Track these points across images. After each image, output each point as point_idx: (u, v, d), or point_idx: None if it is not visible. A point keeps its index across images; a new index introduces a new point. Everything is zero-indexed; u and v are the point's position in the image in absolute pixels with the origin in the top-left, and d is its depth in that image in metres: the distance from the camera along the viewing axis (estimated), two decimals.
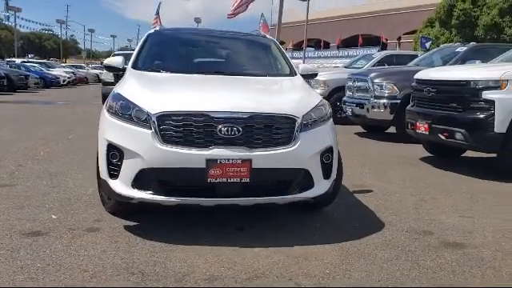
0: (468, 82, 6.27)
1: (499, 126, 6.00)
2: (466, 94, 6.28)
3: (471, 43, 10.48)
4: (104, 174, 3.69)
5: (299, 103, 3.80)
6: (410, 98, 7.76)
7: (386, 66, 12.05)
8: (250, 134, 3.51)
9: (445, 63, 10.14)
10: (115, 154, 3.61)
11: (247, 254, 3.37)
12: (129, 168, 3.54)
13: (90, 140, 8.10)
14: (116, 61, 4.78)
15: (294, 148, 3.58)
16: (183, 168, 3.45)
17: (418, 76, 7.36)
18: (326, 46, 55.93)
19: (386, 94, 9.57)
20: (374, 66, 12.95)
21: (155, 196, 3.51)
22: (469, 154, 7.78)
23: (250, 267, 3.15)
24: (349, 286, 2.90)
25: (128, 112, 3.63)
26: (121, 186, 3.58)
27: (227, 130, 3.46)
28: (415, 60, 11.18)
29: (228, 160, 3.43)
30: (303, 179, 3.67)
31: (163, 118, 3.48)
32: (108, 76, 16.40)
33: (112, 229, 3.79)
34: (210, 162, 3.42)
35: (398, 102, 9.34)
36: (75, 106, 17.02)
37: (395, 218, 4.35)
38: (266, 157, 3.49)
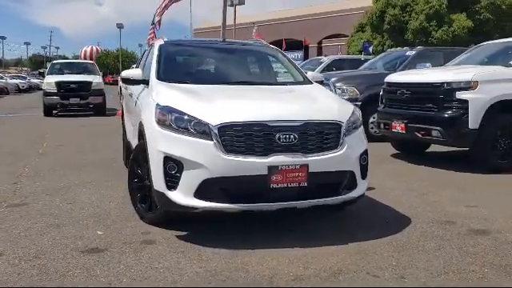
0: (442, 83, 6.88)
1: (472, 123, 6.65)
2: (440, 94, 6.88)
3: (418, 47, 11.33)
4: (161, 186, 3.73)
5: (340, 110, 4.08)
6: (380, 99, 8.29)
7: (341, 71, 12.61)
8: (305, 141, 3.73)
9: (395, 66, 10.90)
10: (173, 166, 3.67)
11: (313, 253, 3.58)
12: (190, 178, 3.62)
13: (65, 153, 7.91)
14: (136, 73, 4.79)
15: (342, 152, 3.84)
16: (246, 176, 3.59)
17: (389, 79, 7.91)
18: None
19: (347, 97, 10.10)
20: (323, 70, 13.51)
21: (219, 204, 3.62)
22: (431, 149, 8.45)
23: (324, 265, 3.36)
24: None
25: (184, 124, 3.71)
26: (181, 197, 3.65)
27: (285, 138, 3.65)
28: (366, 64, 11.87)
29: (288, 166, 3.63)
30: (349, 180, 3.95)
31: (224, 128, 3.61)
32: (50, 87, 15.76)
33: (166, 239, 3.83)
34: (272, 168, 3.59)
35: (359, 104, 9.90)
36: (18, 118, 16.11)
37: (413, 211, 4.73)
38: (320, 161, 3.73)
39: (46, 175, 6.26)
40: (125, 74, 4.85)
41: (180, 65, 5.20)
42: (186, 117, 3.73)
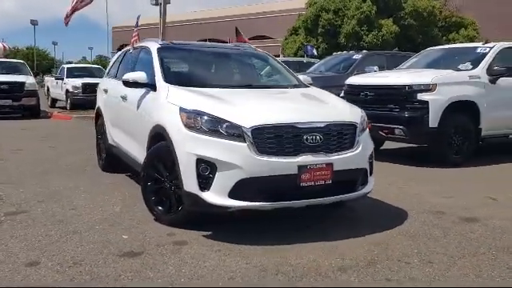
0: (404, 86, 7.47)
1: (432, 122, 7.29)
2: (403, 96, 7.46)
3: (363, 51, 12.03)
4: (193, 187, 3.83)
5: (352, 111, 4.39)
6: None
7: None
8: (328, 141, 4.00)
9: (344, 69, 11.52)
10: (206, 168, 3.79)
11: (340, 246, 3.85)
12: (224, 179, 3.75)
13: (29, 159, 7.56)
14: (141, 76, 4.79)
15: (358, 151, 4.16)
16: (278, 175, 3.80)
17: (352, 82, 8.41)
18: None
19: None
20: None
21: (253, 203, 3.79)
22: (385, 146, 9.05)
23: (357, 256, 3.64)
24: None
25: (215, 127, 3.83)
26: (215, 197, 3.77)
27: (312, 139, 3.90)
28: (315, 66, 12.40)
29: (315, 165, 3.88)
30: (363, 177, 4.28)
31: (257, 130, 3.78)
32: None
33: (196, 240, 3.93)
34: (301, 168, 3.82)
35: None
36: None
37: (403, 204, 5.15)
38: (342, 160, 4.02)
39: (23, 182, 6.01)
40: (131, 76, 4.82)
41: (184, 68, 5.26)
42: (217, 120, 3.85)
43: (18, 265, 3.38)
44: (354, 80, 8.42)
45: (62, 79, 19.05)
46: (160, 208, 4.31)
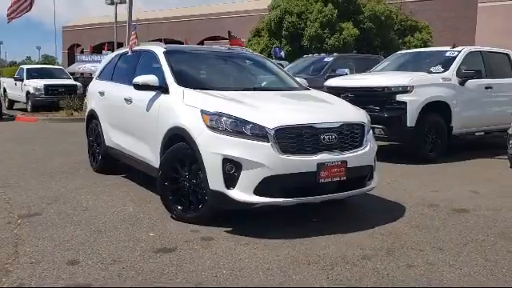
0: (383, 87, 7.92)
1: (410, 122, 7.76)
2: (382, 97, 7.90)
3: (334, 54, 12.47)
4: (219, 186, 4.03)
5: (359, 112, 4.71)
6: None
7: None
8: (342, 140, 4.30)
9: (315, 71, 11.93)
10: (231, 167, 4.00)
11: (355, 237, 4.15)
12: (249, 177, 3.98)
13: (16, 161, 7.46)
14: (153, 79, 4.92)
15: (367, 149, 4.49)
16: (299, 173, 4.06)
17: (330, 84, 8.78)
18: None
19: None
20: None
21: (277, 199, 4.04)
22: None
23: (375, 246, 3.96)
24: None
25: (239, 128, 4.05)
26: (241, 194, 3.99)
27: (328, 138, 4.19)
28: (286, 68, 12.71)
29: (332, 162, 4.17)
30: (370, 173, 4.61)
31: (280, 131, 4.03)
32: None
33: (220, 235, 4.13)
34: (320, 165, 4.11)
35: None
36: None
37: (397, 198, 5.52)
38: (354, 157, 4.33)
39: (22, 185, 5.97)
40: (142, 80, 4.93)
41: (194, 71, 5.41)
42: (241, 121, 4.07)
43: (58, 264, 3.47)
44: (334, 82, 8.79)
45: (22, 80, 18.53)
46: (179, 207, 4.46)
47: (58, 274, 3.30)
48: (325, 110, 4.65)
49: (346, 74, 11.12)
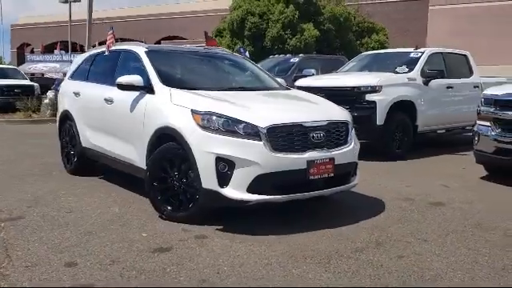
0: (353, 87, 8.16)
1: (379, 120, 8.04)
2: (352, 96, 8.13)
3: (300, 55, 12.69)
4: (212, 184, 4.08)
5: (342, 111, 4.87)
6: None
7: None
8: (328, 138, 4.44)
9: (282, 71, 12.10)
10: (224, 165, 4.06)
11: (344, 232, 4.30)
12: (242, 175, 4.05)
13: None
14: (137, 79, 4.90)
15: (352, 146, 4.65)
16: (290, 170, 4.17)
17: (301, 84, 8.94)
18: (81, 48, 54.02)
19: None
20: None
21: (269, 196, 4.13)
22: None
23: (366, 239, 4.12)
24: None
25: (231, 127, 4.12)
26: (234, 192, 4.06)
27: (317, 136, 4.32)
28: None
29: (321, 160, 4.30)
30: (354, 170, 4.78)
31: (272, 130, 4.13)
32: None
33: (214, 233, 4.18)
34: (310, 162, 4.23)
35: None
36: None
37: (375, 193, 5.70)
38: (341, 154, 4.48)
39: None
40: (126, 80, 4.90)
41: (177, 71, 5.41)
42: (233, 120, 4.13)
43: (56, 266, 3.43)
44: (305, 82, 8.97)
45: None
46: (168, 207, 4.47)
47: (59, 277, 3.26)
48: (311, 109, 4.78)
49: (313, 75, 11.35)
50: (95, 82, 6.08)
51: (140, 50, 5.42)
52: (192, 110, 4.30)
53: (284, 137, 4.19)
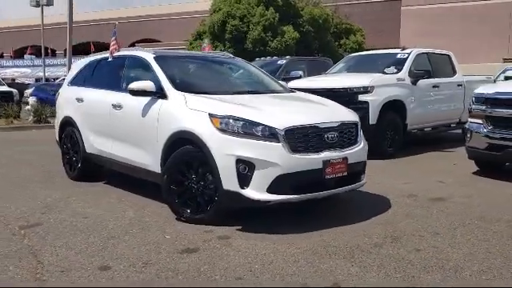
0: (346, 88, 8.39)
1: (372, 120, 8.29)
2: (346, 97, 8.30)
3: (287, 57, 12.88)
4: (233, 186, 4.21)
5: (351, 113, 5.06)
6: None
7: None
8: (341, 138, 4.62)
9: (270, 73, 12.17)
10: (244, 167, 4.19)
11: (358, 228, 4.48)
12: (262, 176, 4.19)
13: None
14: (149, 85, 4.98)
15: (361, 145, 4.84)
16: (307, 170, 4.33)
17: (294, 86, 9.02)
18: (52, 53, 53.18)
19: None
20: None
21: (288, 196, 4.28)
22: None
23: (380, 234, 4.30)
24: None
25: (250, 130, 4.25)
26: (255, 193, 4.20)
27: (331, 137, 4.50)
28: None
29: (336, 159, 4.47)
30: (363, 168, 4.97)
31: (289, 131, 4.28)
32: None
33: (235, 233, 4.30)
34: (325, 162, 4.40)
35: None
36: None
37: (378, 191, 5.90)
38: (353, 154, 4.67)
39: (3, 196, 5.76)
40: (139, 85, 4.97)
41: (188, 76, 5.50)
42: (251, 123, 4.27)
43: (91, 270, 3.50)
44: (298, 84, 9.13)
45: None
46: (187, 210, 4.57)
47: (97, 280, 3.34)
48: (323, 110, 4.95)
49: (300, 76, 11.53)
50: (99, 87, 6.12)
51: (148, 55, 5.49)
52: (210, 113, 4.41)
53: (301, 138, 4.35)
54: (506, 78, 11.84)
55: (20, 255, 3.81)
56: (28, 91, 23.21)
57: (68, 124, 6.61)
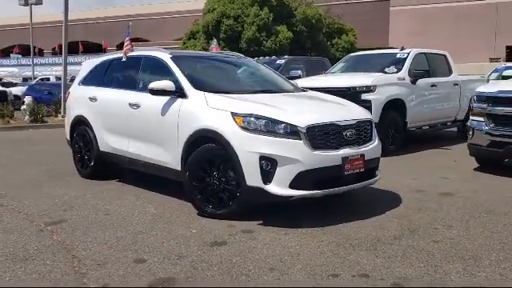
0: (349, 87, 8.57)
1: (375, 118, 8.39)
2: (348, 96, 8.43)
3: (286, 56, 13.04)
4: (256, 182, 4.36)
5: (365, 111, 5.23)
6: None
7: None
8: (358, 136, 4.80)
9: None
10: (267, 163, 4.35)
11: (376, 223, 4.66)
12: (285, 173, 4.35)
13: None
14: (169, 84, 5.10)
15: (376, 142, 5.02)
16: (328, 166, 4.49)
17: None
18: (40, 52, 52.75)
19: None
20: None
21: (309, 191, 4.44)
22: None
23: (397, 227, 4.48)
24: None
25: (272, 128, 4.40)
26: (278, 189, 4.35)
27: (350, 134, 4.67)
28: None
29: (354, 156, 4.64)
30: (377, 164, 5.15)
31: (310, 129, 4.44)
32: None
33: (257, 228, 4.44)
34: (344, 159, 4.57)
35: None
36: None
37: (388, 187, 6.06)
38: (370, 150, 4.85)
39: (18, 195, 5.83)
40: (158, 85, 5.09)
41: (205, 76, 5.63)
42: (274, 121, 4.42)
43: (127, 263, 3.62)
44: (302, 83, 9.27)
45: None
46: (210, 205, 4.71)
47: (136, 272, 3.46)
48: (340, 109, 5.12)
49: (300, 76, 11.71)
50: (114, 87, 6.22)
51: (165, 56, 5.61)
52: (232, 112, 4.55)
53: (321, 135, 4.51)
54: (503, 78, 12.16)
55: (53, 250, 3.92)
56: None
57: (80, 123, 6.69)
